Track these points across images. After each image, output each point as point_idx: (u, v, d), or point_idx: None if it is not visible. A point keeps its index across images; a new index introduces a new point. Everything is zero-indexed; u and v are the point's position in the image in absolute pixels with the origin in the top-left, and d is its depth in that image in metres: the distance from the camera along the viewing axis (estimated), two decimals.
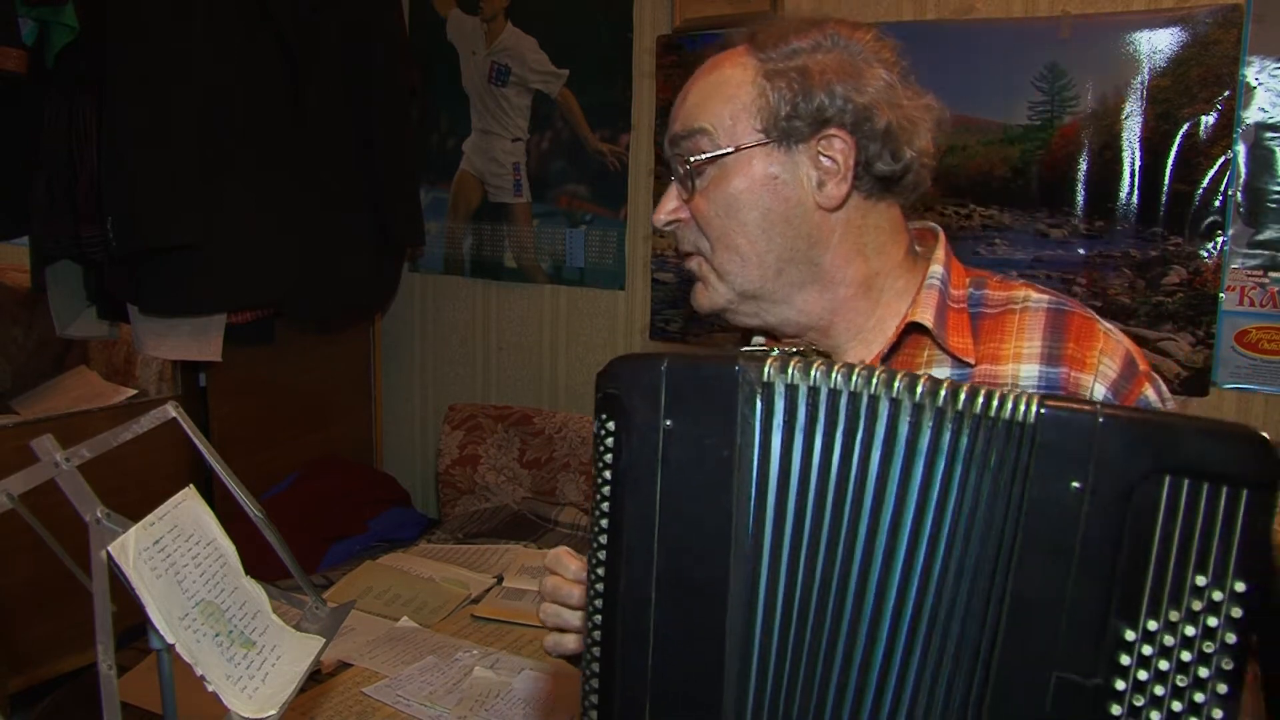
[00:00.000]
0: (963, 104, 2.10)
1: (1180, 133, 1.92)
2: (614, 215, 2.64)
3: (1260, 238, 1.89)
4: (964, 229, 2.14)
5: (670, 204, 0.98)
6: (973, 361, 0.91)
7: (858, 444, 0.69)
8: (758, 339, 0.95)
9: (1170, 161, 1.94)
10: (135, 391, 2.61)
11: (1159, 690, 0.62)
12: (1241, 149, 1.89)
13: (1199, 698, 0.61)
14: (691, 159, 0.94)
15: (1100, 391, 0.89)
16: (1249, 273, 1.91)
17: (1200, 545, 0.61)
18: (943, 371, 0.93)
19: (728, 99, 0.93)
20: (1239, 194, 1.90)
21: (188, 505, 0.91)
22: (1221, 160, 1.89)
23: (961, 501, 0.67)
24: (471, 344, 2.97)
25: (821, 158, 0.91)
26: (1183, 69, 1.91)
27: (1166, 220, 1.96)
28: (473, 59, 2.82)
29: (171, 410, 0.91)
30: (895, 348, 0.94)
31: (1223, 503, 0.61)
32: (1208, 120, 1.90)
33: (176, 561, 0.85)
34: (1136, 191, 1.98)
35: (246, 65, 2.33)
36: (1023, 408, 0.65)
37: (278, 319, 2.62)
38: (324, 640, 0.94)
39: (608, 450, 0.74)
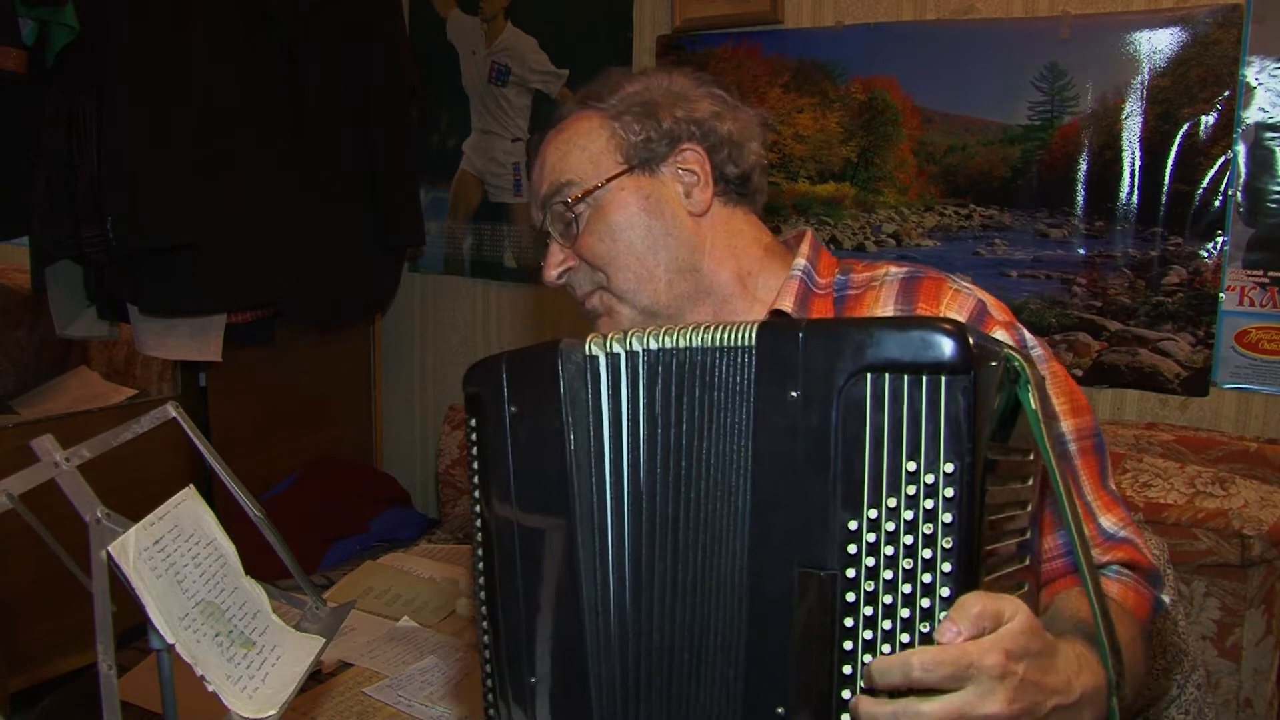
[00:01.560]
0: (963, 104, 2.11)
1: (1180, 133, 1.92)
2: None
3: (1260, 238, 1.89)
4: (964, 229, 2.14)
5: (556, 257, 1.06)
6: None
7: (672, 395, 0.76)
8: None
9: (1170, 161, 1.94)
10: (135, 391, 2.61)
11: (888, 575, 0.66)
12: (1241, 149, 1.89)
13: (927, 578, 0.65)
14: (567, 201, 1.02)
15: None
16: (1249, 273, 1.91)
17: (910, 434, 0.65)
18: None
19: (583, 149, 1.03)
20: (1239, 194, 1.90)
21: (188, 505, 0.91)
22: (1221, 160, 1.89)
23: (710, 423, 0.74)
24: (471, 344, 2.97)
25: (681, 171, 1.03)
26: (1183, 69, 1.91)
27: (1166, 220, 1.96)
28: (473, 59, 2.82)
29: (171, 410, 0.92)
30: None
31: (924, 391, 0.65)
32: (1208, 120, 1.90)
33: (176, 561, 0.85)
34: (1136, 191, 1.98)
35: (246, 65, 2.33)
36: (742, 334, 0.73)
37: (278, 319, 2.62)
38: (324, 640, 0.94)
39: (473, 443, 0.83)
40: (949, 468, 0.64)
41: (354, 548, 2.58)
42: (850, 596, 0.67)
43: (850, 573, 0.67)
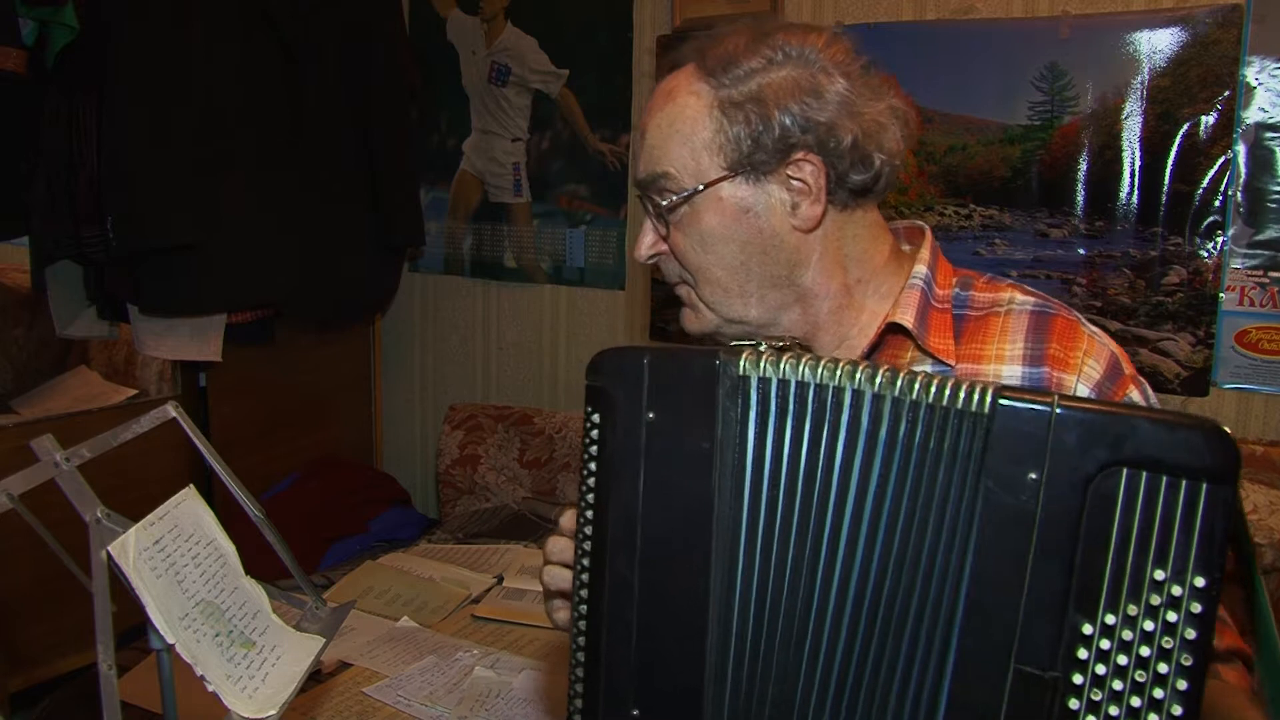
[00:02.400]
0: (963, 104, 2.11)
1: (1180, 133, 1.92)
2: (614, 215, 2.64)
3: (1260, 238, 1.90)
4: (964, 229, 2.14)
5: (648, 238, 0.98)
6: (952, 363, 0.91)
7: (824, 435, 0.70)
8: None
9: (1170, 161, 1.94)
10: (135, 391, 2.61)
11: (1117, 685, 0.61)
12: (1241, 149, 1.89)
13: (1158, 694, 0.61)
14: (662, 202, 0.93)
15: (1083, 392, 0.88)
16: (1249, 273, 1.91)
17: (1159, 539, 0.60)
18: (923, 369, 0.92)
19: (685, 138, 0.91)
20: (1239, 194, 1.90)
21: (188, 505, 0.91)
22: (1221, 160, 1.89)
23: (918, 490, 0.67)
24: (471, 344, 2.97)
25: (792, 180, 0.90)
26: (1183, 69, 1.91)
27: (1166, 220, 1.96)
28: (473, 59, 2.82)
29: (171, 410, 0.91)
30: (876, 347, 0.94)
31: (1182, 496, 0.60)
32: (1208, 120, 1.90)
33: (176, 561, 0.85)
34: (1136, 191, 1.98)
35: (246, 65, 2.33)
36: (976, 397, 0.65)
37: (278, 319, 2.62)
38: (324, 640, 0.94)
39: (593, 442, 0.77)
40: (1199, 581, 0.59)
41: (354, 548, 2.58)
42: (1074, 704, 0.62)
43: (1077, 678, 0.62)
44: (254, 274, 2.38)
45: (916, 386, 0.67)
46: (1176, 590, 0.60)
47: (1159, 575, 0.60)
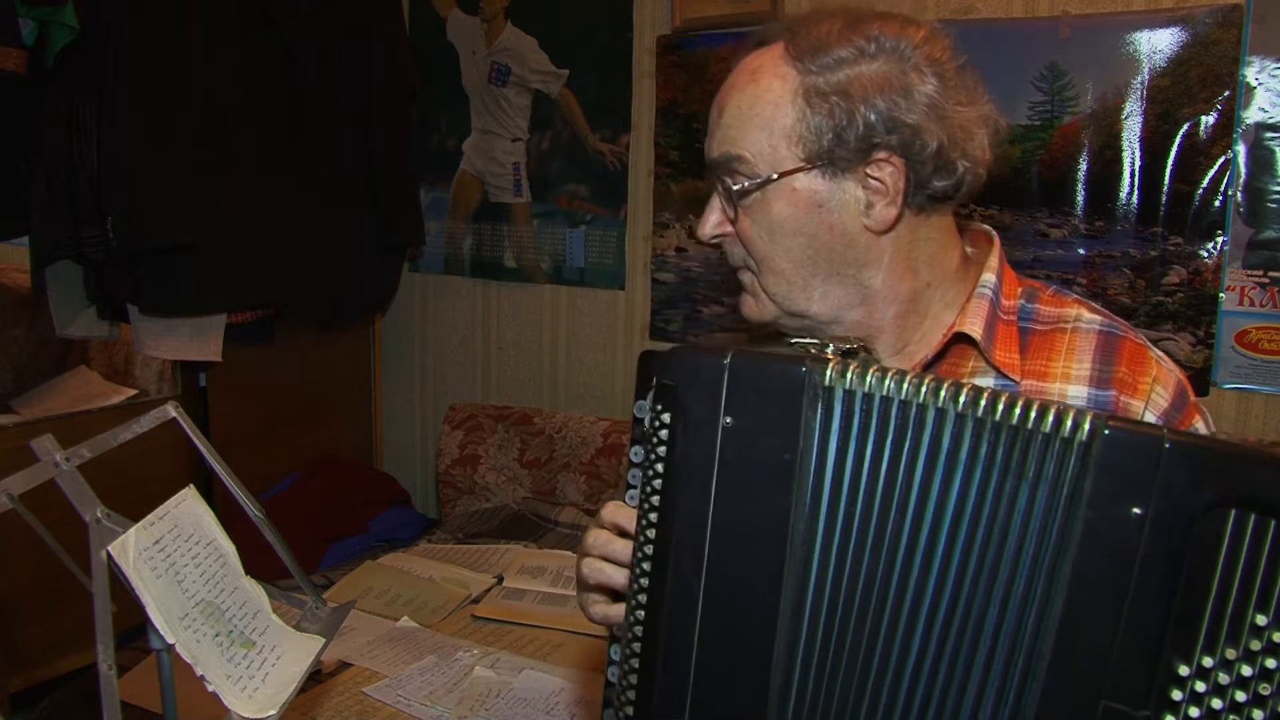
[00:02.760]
0: None
1: (1180, 133, 1.92)
2: (614, 215, 2.64)
3: (1260, 238, 1.90)
4: (964, 229, 2.14)
5: (714, 217, 0.94)
6: (1017, 378, 0.89)
7: (905, 452, 0.69)
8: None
9: (1170, 161, 1.94)
10: (135, 391, 2.61)
11: None
12: (1241, 149, 1.89)
13: None
14: (733, 185, 0.90)
15: (1151, 420, 0.87)
16: (1249, 273, 1.91)
17: (1263, 584, 0.59)
18: (986, 385, 0.89)
19: (765, 123, 0.87)
20: (1239, 194, 1.90)
21: (188, 505, 0.91)
22: (1221, 160, 1.90)
23: (1005, 514, 0.66)
24: (471, 344, 2.97)
25: (870, 179, 0.86)
26: (1183, 69, 1.91)
27: (1166, 220, 1.96)
28: (473, 59, 2.82)
29: (171, 410, 0.91)
30: (940, 356, 0.92)
31: None
32: (1208, 120, 1.90)
33: (176, 561, 0.85)
34: (1136, 191, 1.98)
35: (246, 65, 2.33)
36: (1070, 423, 0.63)
37: (278, 319, 2.62)
38: (324, 640, 0.94)
39: (661, 442, 0.73)
40: None
41: (354, 548, 2.58)
42: None
43: (1169, 719, 0.61)
44: (254, 274, 2.38)
45: (1016, 410, 0.65)
46: (1278, 637, 0.59)
47: (1261, 620, 0.59)
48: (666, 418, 0.73)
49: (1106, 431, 0.62)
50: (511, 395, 2.89)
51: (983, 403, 0.66)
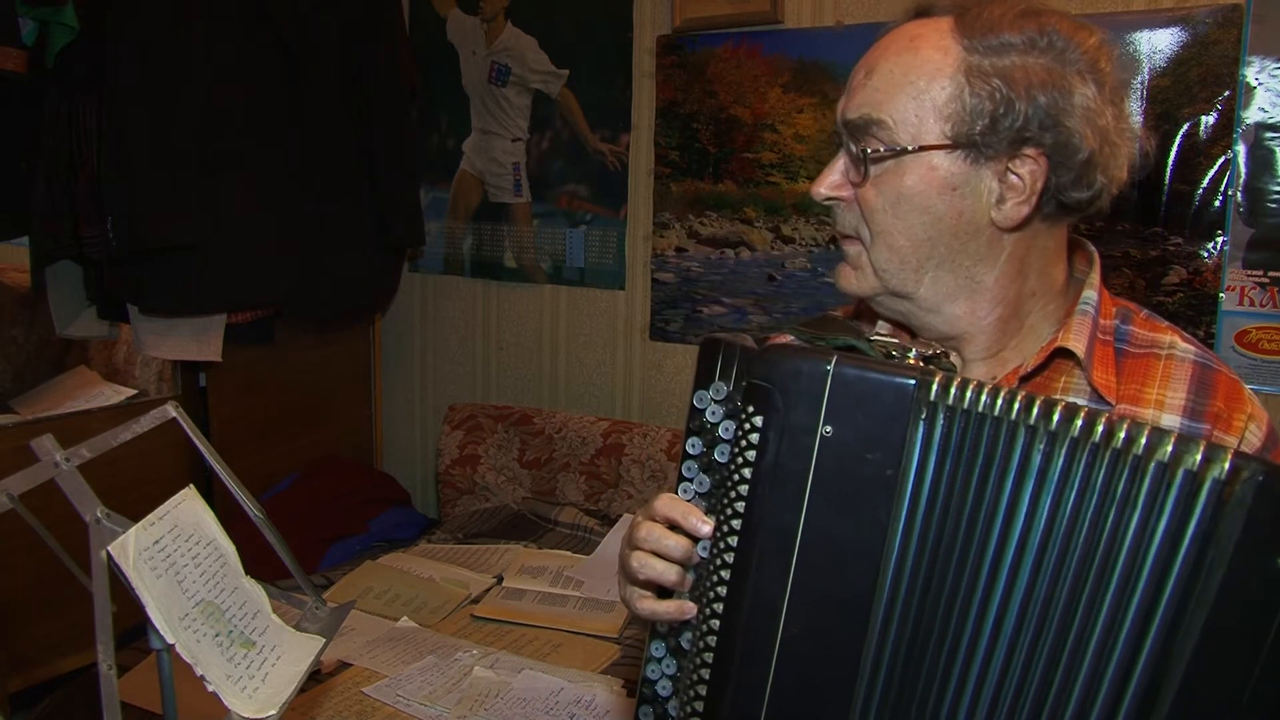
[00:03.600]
0: None
1: (1180, 133, 1.92)
2: (614, 215, 2.64)
3: (1260, 238, 1.90)
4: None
5: (834, 178, 0.90)
6: (1113, 401, 0.87)
7: (997, 470, 0.67)
8: (882, 327, 0.91)
9: (1170, 161, 1.94)
10: (135, 391, 2.61)
11: None
12: (1241, 149, 1.89)
13: None
14: (868, 149, 0.86)
15: None
16: (1249, 273, 1.91)
17: None
18: (1079, 401, 0.88)
19: (918, 93, 0.84)
20: (1239, 194, 1.90)
21: (188, 505, 0.91)
22: (1221, 160, 1.89)
23: (1098, 537, 0.64)
24: (471, 344, 2.97)
25: (1010, 174, 0.84)
26: (1183, 69, 1.91)
27: (1166, 220, 1.96)
28: (473, 59, 2.82)
29: (171, 410, 0.91)
30: (1038, 369, 0.90)
31: None
32: (1208, 120, 1.90)
33: (176, 561, 0.85)
34: (1136, 191, 1.98)
35: (246, 65, 2.33)
36: (1225, 464, 0.60)
37: (278, 319, 2.62)
38: (324, 640, 0.94)
39: (750, 446, 0.70)
40: None
41: (354, 548, 2.58)
42: None
43: None
44: (254, 274, 2.38)
45: (1122, 434, 0.63)
46: None
47: None
48: (759, 421, 0.70)
49: (1261, 478, 0.58)
50: (511, 395, 2.89)
51: (1099, 428, 0.64)
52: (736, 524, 0.71)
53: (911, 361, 0.71)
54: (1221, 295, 1.93)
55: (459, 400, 2.93)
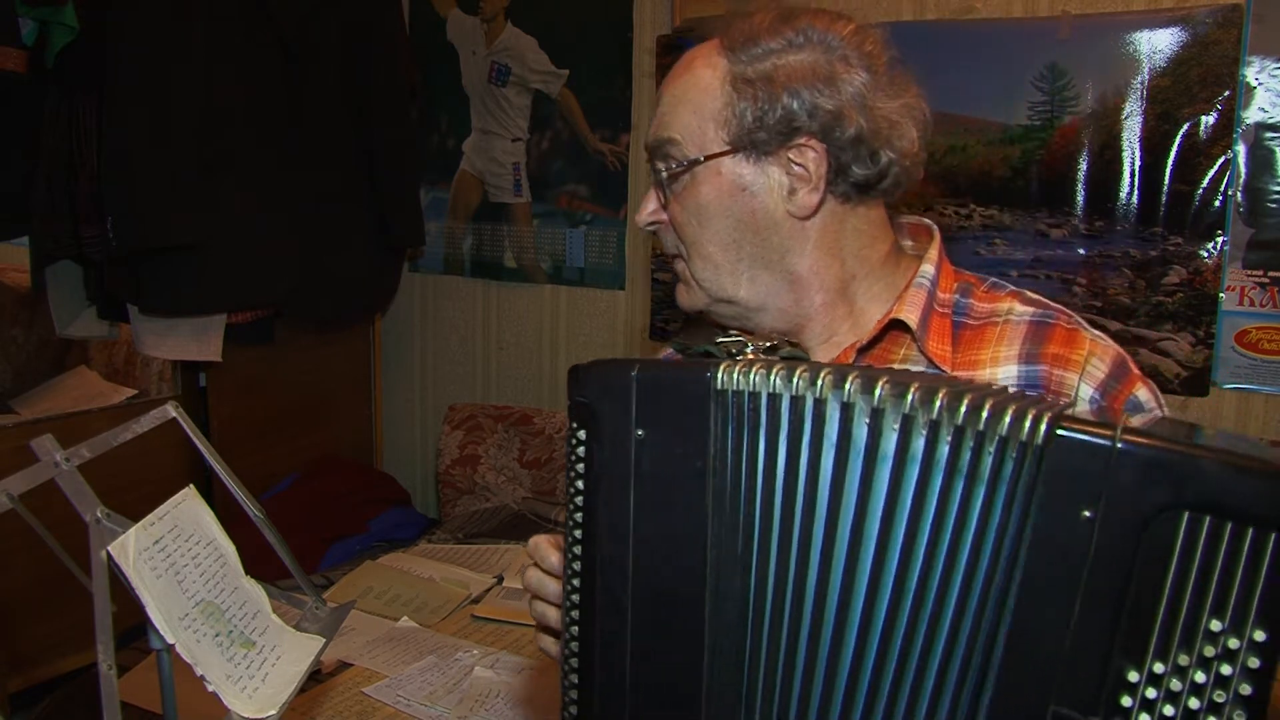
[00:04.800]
0: (963, 104, 2.10)
1: (1180, 133, 1.92)
2: (614, 215, 2.64)
3: (1260, 238, 1.90)
4: (964, 229, 2.14)
5: (650, 205, 0.98)
6: (949, 369, 0.90)
7: (834, 454, 0.68)
8: (734, 331, 0.94)
9: (1170, 161, 1.94)
10: (135, 391, 2.61)
11: None
12: (1241, 149, 1.89)
13: None
14: (664, 168, 0.93)
15: (1086, 391, 0.87)
16: (1249, 273, 1.91)
17: (1218, 588, 0.57)
18: (916, 369, 0.91)
19: (696, 107, 0.91)
20: (1239, 194, 1.90)
21: (188, 505, 0.91)
22: (1221, 160, 1.89)
23: (953, 517, 0.65)
24: (471, 344, 2.97)
25: (793, 165, 0.89)
26: (1183, 69, 1.91)
27: (1166, 220, 1.96)
28: (473, 59, 2.82)
29: (171, 410, 0.91)
30: (874, 342, 0.93)
31: (1247, 545, 0.56)
32: (1208, 120, 1.90)
33: (176, 561, 0.85)
34: (1136, 191, 1.98)
35: (246, 65, 2.33)
36: (1029, 425, 0.61)
37: (278, 319, 2.62)
38: (324, 640, 0.94)
39: (580, 459, 0.74)
40: (1259, 636, 0.56)
41: (354, 548, 2.58)
42: None
43: None
44: (254, 274, 2.38)
45: (962, 409, 0.63)
46: (1234, 643, 0.57)
47: (1215, 626, 0.57)
48: (583, 434, 0.74)
49: (1060, 433, 0.61)
50: (511, 395, 2.89)
51: (935, 403, 0.64)
52: (579, 534, 0.75)
53: (749, 355, 0.73)
54: (1221, 295, 1.93)
55: (459, 400, 2.93)
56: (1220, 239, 1.92)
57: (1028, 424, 0.62)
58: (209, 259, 2.24)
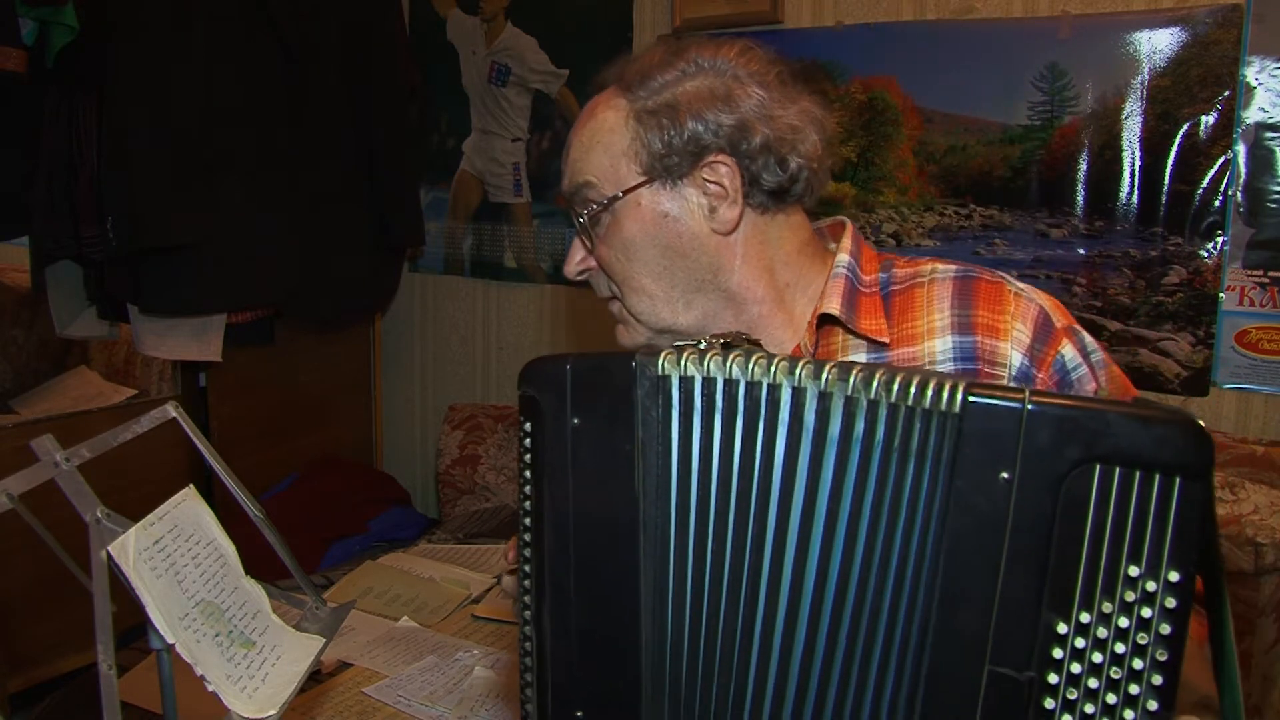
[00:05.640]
0: (963, 104, 2.10)
1: (1180, 133, 1.92)
2: None
3: (1260, 238, 1.89)
4: (964, 229, 2.14)
5: (578, 254, 1.00)
6: (887, 341, 0.92)
7: (760, 433, 0.69)
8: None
9: (1170, 161, 1.94)
10: (135, 391, 2.61)
11: (1093, 683, 0.61)
12: (1241, 149, 1.89)
13: (1134, 690, 0.60)
14: (584, 211, 0.95)
15: (1017, 359, 0.89)
16: (1249, 273, 1.91)
17: (1133, 535, 0.60)
18: (859, 357, 0.94)
19: (606, 147, 0.94)
20: (1239, 194, 1.90)
21: (188, 505, 0.91)
22: (1221, 160, 1.89)
23: (880, 490, 0.66)
24: (471, 344, 2.97)
25: (708, 184, 0.92)
26: (1183, 69, 1.91)
27: (1166, 220, 1.96)
28: (473, 59, 2.82)
29: (171, 410, 0.91)
30: (816, 343, 0.95)
31: (1155, 491, 0.59)
32: (1208, 120, 1.90)
33: (176, 561, 0.85)
34: (1136, 191, 1.98)
35: (246, 65, 2.33)
36: (946, 395, 0.63)
37: (278, 319, 2.62)
38: (324, 640, 0.94)
39: (526, 450, 0.78)
40: (1174, 576, 0.59)
41: (354, 548, 2.58)
42: (1049, 703, 0.62)
43: (1052, 678, 0.62)
44: (254, 274, 2.38)
45: (876, 384, 0.66)
46: (1151, 586, 0.59)
47: (1133, 571, 0.60)
48: (529, 426, 0.78)
49: (972, 400, 0.63)
50: (511, 395, 2.87)
51: (853, 379, 0.66)
52: (529, 522, 0.78)
53: (702, 348, 0.74)
54: (1221, 295, 1.93)
55: (459, 400, 2.92)
56: (1220, 239, 1.92)
57: (945, 394, 0.63)
58: (209, 259, 2.24)
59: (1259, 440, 1.85)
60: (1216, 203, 1.91)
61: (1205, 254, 1.93)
